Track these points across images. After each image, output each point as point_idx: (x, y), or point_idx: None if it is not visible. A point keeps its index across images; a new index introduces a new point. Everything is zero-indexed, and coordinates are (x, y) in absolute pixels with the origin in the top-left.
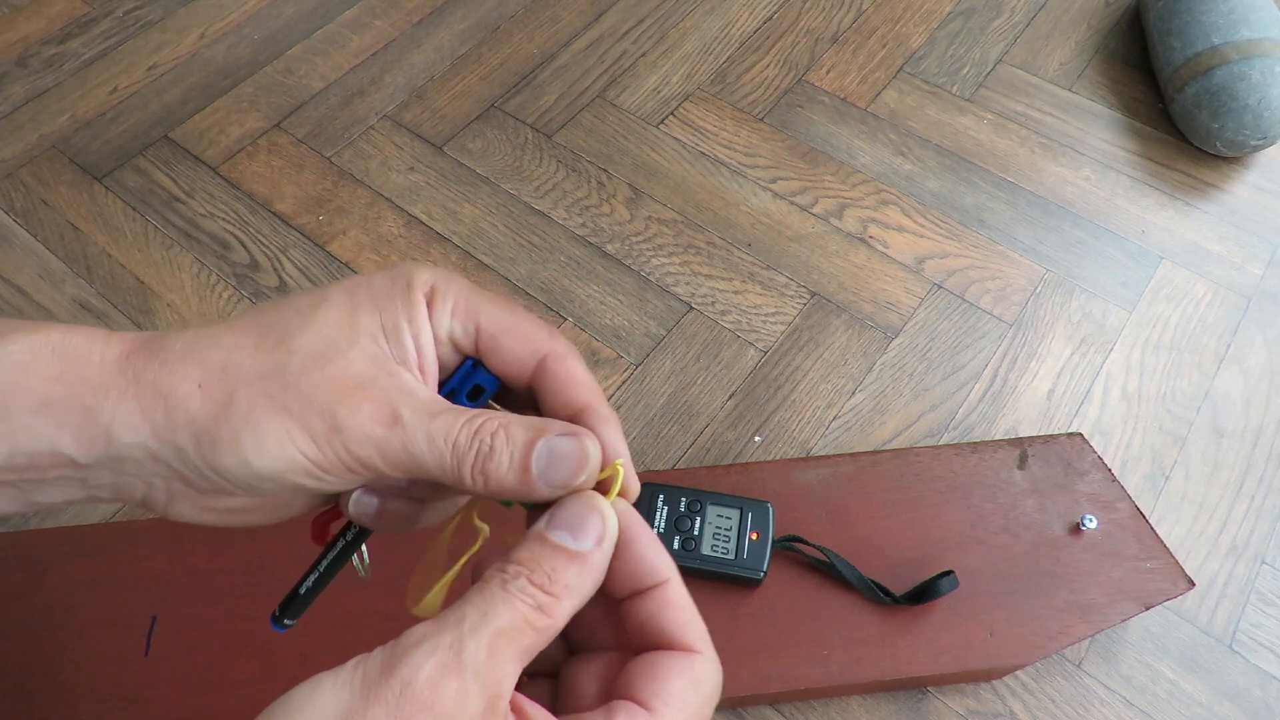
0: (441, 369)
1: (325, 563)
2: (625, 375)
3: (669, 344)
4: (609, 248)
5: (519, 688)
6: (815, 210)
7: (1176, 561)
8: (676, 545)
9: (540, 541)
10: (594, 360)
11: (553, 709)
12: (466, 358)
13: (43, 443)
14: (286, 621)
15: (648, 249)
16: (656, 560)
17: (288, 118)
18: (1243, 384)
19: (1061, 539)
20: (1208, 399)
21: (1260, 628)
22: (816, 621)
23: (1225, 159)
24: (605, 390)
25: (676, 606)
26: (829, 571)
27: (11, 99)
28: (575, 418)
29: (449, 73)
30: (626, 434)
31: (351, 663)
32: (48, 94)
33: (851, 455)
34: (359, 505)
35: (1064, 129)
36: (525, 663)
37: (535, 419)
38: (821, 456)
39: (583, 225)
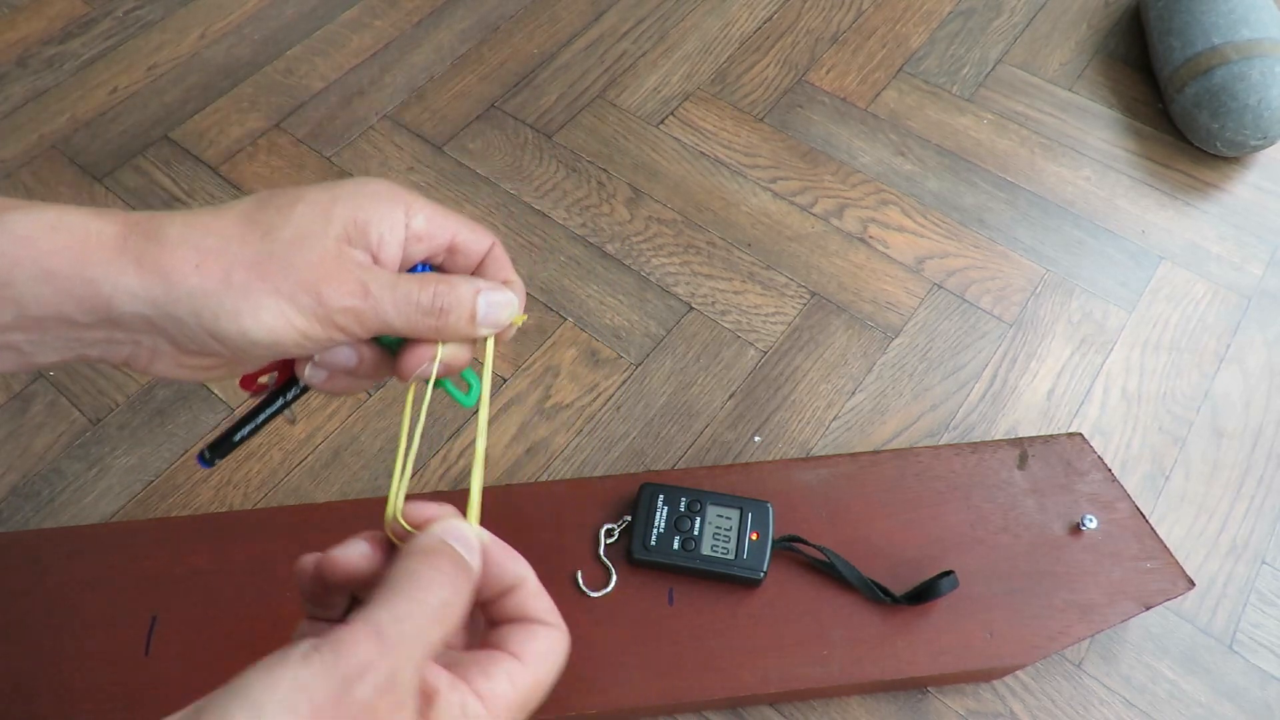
0: (402, 266)
1: (266, 414)
2: (625, 375)
3: (669, 344)
4: (609, 248)
5: None
6: (815, 210)
7: (1176, 561)
8: (676, 545)
9: (449, 557)
10: (594, 360)
11: None
12: (420, 262)
13: (48, 308)
14: (216, 460)
15: (648, 249)
16: (515, 566)
17: (288, 118)
18: (1243, 384)
19: (1061, 539)
20: (1207, 399)
21: (1260, 628)
22: (816, 621)
23: (1225, 159)
24: (605, 390)
25: (537, 595)
26: (829, 571)
27: (11, 99)
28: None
29: (449, 73)
30: (626, 434)
31: (304, 671)
32: (48, 94)
33: (851, 455)
34: (312, 374)
35: (1064, 129)
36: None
37: (469, 278)
38: (821, 456)
39: (583, 225)
